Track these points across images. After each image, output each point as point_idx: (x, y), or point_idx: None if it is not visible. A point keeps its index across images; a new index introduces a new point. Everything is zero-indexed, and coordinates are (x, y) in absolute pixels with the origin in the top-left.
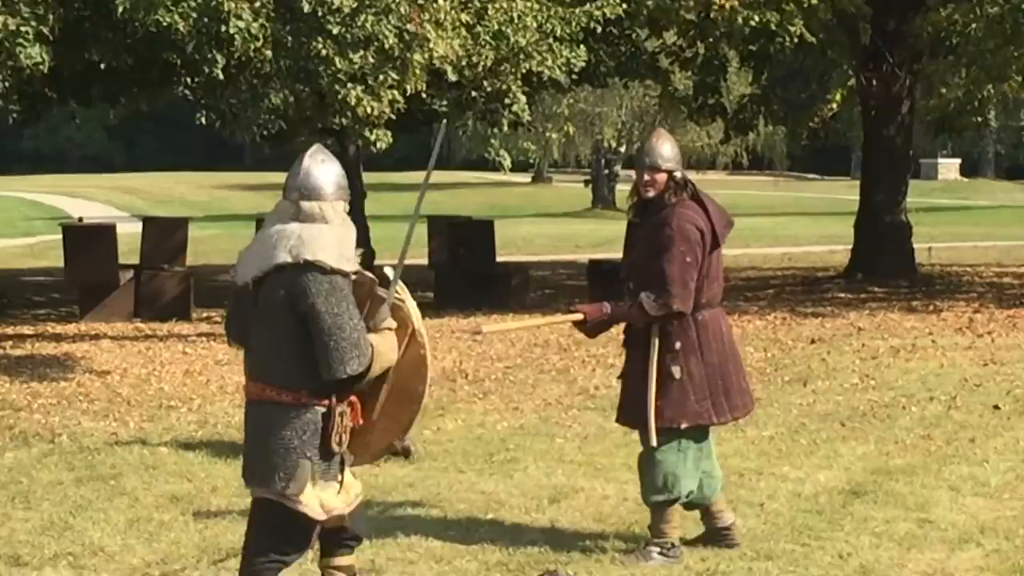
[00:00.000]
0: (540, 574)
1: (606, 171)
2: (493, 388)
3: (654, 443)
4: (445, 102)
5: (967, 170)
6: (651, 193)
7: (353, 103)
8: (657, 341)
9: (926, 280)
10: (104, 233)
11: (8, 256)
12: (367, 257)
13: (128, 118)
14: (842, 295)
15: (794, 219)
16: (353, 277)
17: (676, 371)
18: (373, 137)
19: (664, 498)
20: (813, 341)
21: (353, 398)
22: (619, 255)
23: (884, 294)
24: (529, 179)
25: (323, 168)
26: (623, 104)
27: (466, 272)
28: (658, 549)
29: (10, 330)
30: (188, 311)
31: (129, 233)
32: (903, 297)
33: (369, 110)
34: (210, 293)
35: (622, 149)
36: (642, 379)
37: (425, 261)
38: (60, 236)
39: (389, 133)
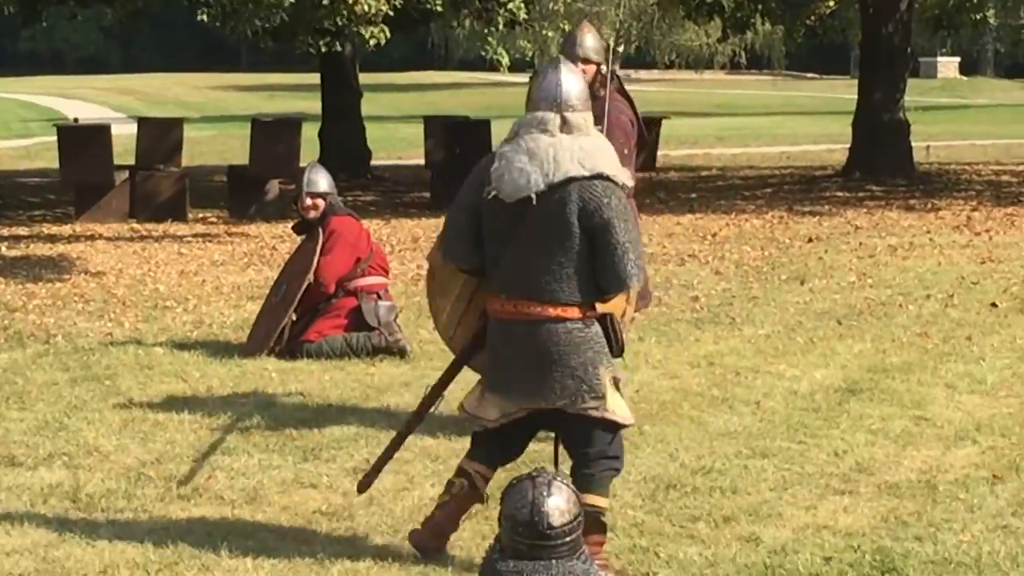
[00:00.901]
0: (531, 472)
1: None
2: None
3: None
4: (440, 1)
5: (966, 69)
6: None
7: (351, 1)
8: None
9: (924, 178)
10: (99, 133)
11: (4, 158)
12: (365, 156)
13: (124, 19)
14: (840, 194)
15: (792, 118)
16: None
17: None
18: (368, 35)
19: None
20: (810, 240)
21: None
22: None
23: (882, 192)
24: (527, 79)
25: (576, 79)
26: (621, 3)
27: (463, 172)
28: None
29: (5, 231)
30: (184, 212)
31: (125, 134)
32: (901, 195)
33: (366, 8)
34: (206, 194)
35: (620, 48)
36: None
37: (422, 161)
38: (55, 137)
39: (386, 29)
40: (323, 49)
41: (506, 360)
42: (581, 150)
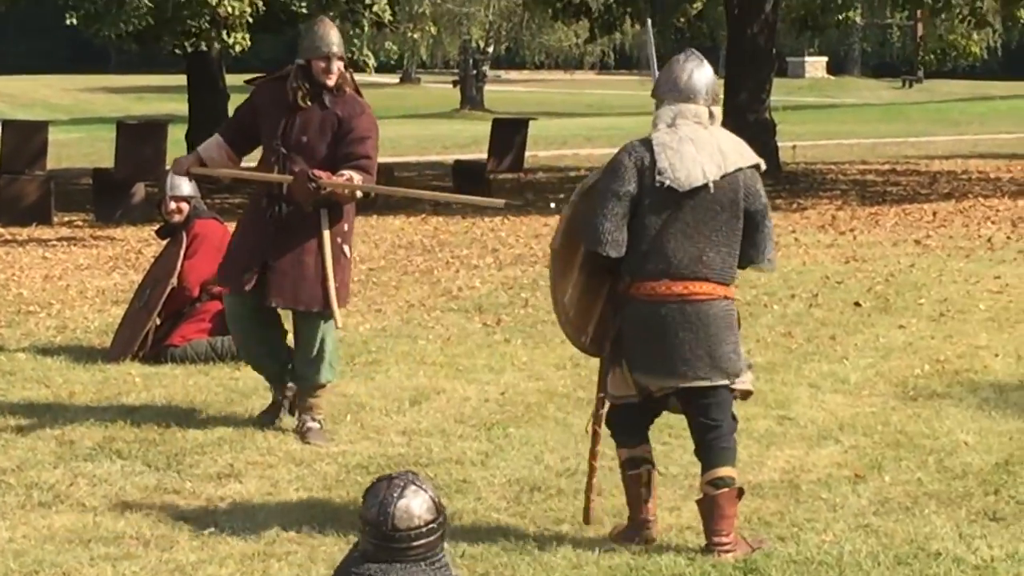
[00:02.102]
0: (392, 473)
1: (474, 72)
2: (356, 290)
3: (340, 323)
4: (306, 3)
5: (834, 68)
6: (333, 80)
7: (214, 3)
8: (328, 222)
9: (790, 178)
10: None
11: None
12: None
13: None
14: None
15: None
16: None
17: (347, 251)
18: (231, 41)
19: (334, 377)
20: None
21: None
22: (484, 156)
23: None
24: (397, 80)
25: (711, 73)
26: (490, 4)
27: None
28: (319, 425)
29: None
30: (49, 215)
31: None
32: (767, 195)
33: (230, 9)
34: (71, 197)
35: (490, 50)
36: (316, 259)
37: None
38: None
39: (247, 36)
40: (188, 50)
41: (670, 341)
42: (735, 141)
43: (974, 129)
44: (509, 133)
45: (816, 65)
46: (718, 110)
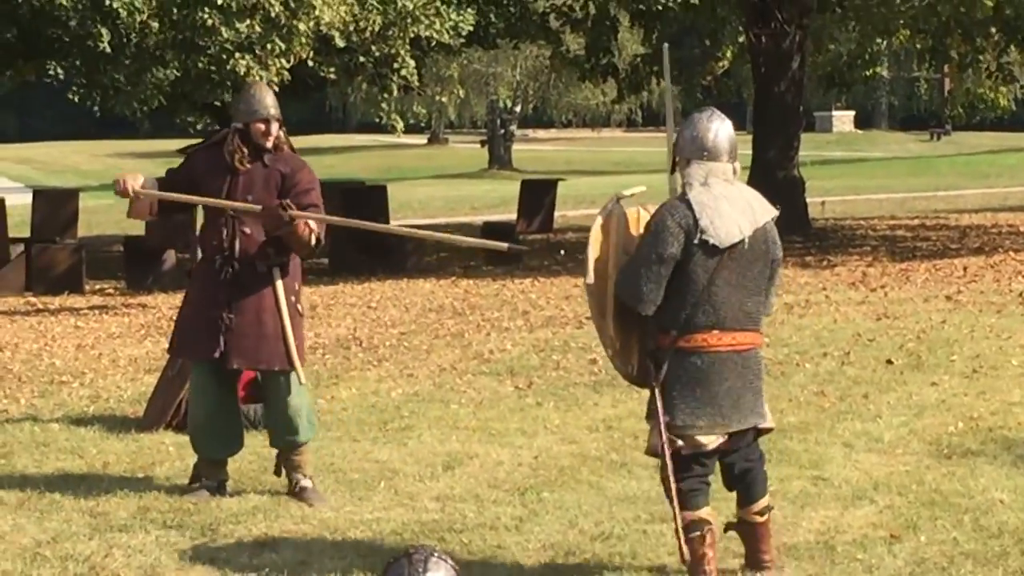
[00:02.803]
0: (408, 548)
1: (502, 131)
2: (387, 355)
3: (303, 379)
4: (334, 68)
5: (861, 122)
6: (271, 142)
7: (242, 72)
8: (281, 278)
9: (819, 235)
10: None
11: None
12: None
13: (19, 88)
14: None
15: None
16: None
17: (300, 308)
18: None
19: (313, 434)
20: None
21: None
22: (513, 216)
23: None
24: (425, 140)
25: (732, 131)
26: (517, 64)
27: (360, 237)
28: (311, 483)
29: None
30: (80, 284)
31: (21, 205)
32: (797, 252)
33: (258, 79)
34: (103, 265)
35: (517, 109)
36: (273, 318)
37: None
38: None
39: None
40: (199, 127)
41: (721, 389)
42: (757, 195)
43: (1003, 182)
44: (538, 194)
45: (843, 119)
46: (738, 165)
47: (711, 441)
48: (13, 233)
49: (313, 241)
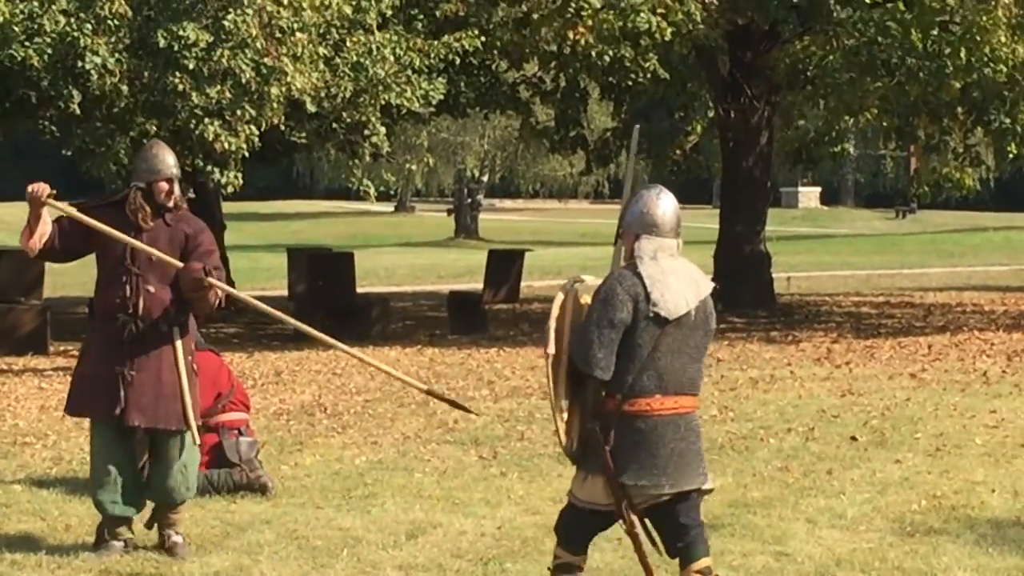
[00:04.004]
0: None
1: (469, 200)
2: (352, 422)
3: (198, 440)
4: (304, 133)
5: (827, 198)
6: (173, 200)
7: (211, 138)
8: (180, 338)
9: (785, 310)
10: None
11: None
12: (229, 287)
13: None
14: None
15: None
16: None
17: (195, 368)
18: (224, 179)
19: (194, 493)
20: None
21: None
22: (479, 286)
23: (743, 324)
24: (392, 208)
25: (676, 205)
26: (485, 133)
27: (326, 304)
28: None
29: None
30: (45, 345)
31: None
32: (762, 327)
33: (226, 145)
34: (68, 327)
35: (484, 179)
36: (172, 377)
37: (285, 292)
38: None
39: (240, 175)
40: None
41: (664, 451)
42: (699, 271)
43: (968, 261)
44: (505, 264)
45: (810, 195)
46: (681, 240)
47: (646, 500)
48: None
49: (214, 307)
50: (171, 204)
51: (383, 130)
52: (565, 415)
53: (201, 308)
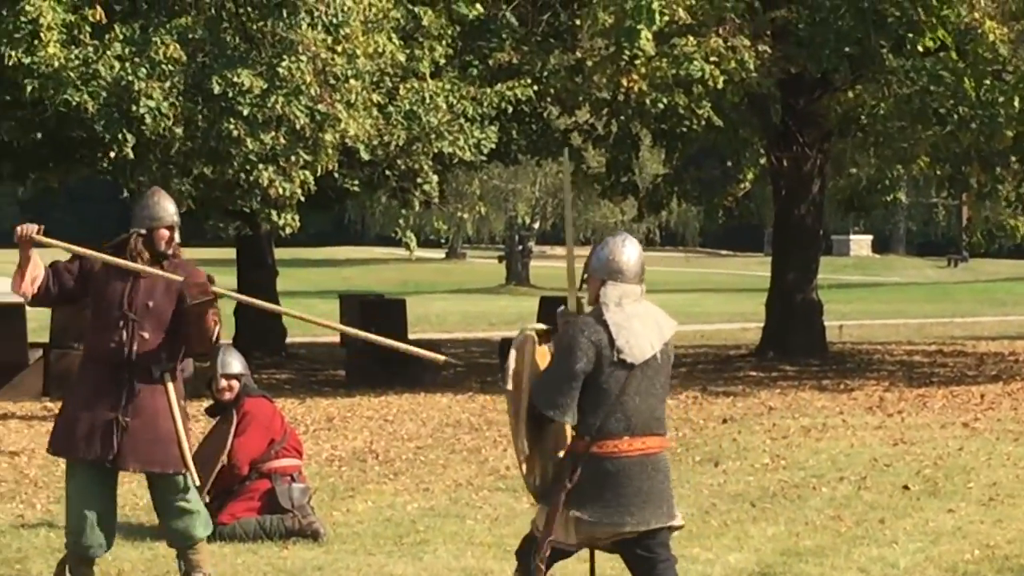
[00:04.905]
0: None
1: (520, 247)
2: (404, 468)
3: (198, 481)
4: (357, 181)
5: (879, 246)
6: (173, 248)
7: (265, 184)
8: (172, 383)
9: (837, 358)
10: (13, 312)
11: None
12: (280, 334)
13: (40, 193)
14: (754, 374)
15: (706, 296)
16: None
17: (188, 412)
18: (281, 222)
19: (208, 531)
20: (724, 420)
21: None
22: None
23: (795, 373)
24: (443, 255)
25: (640, 251)
26: (536, 180)
27: (377, 351)
28: None
29: None
30: None
31: (40, 310)
32: (814, 376)
33: (281, 191)
34: None
35: (535, 225)
36: (166, 422)
37: (337, 339)
38: None
39: (297, 217)
40: (232, 232)
41: (630, 490)
42: (662, 313)
43: (1021, 309)
44: (556, 310)
45: (861, 243)
46: (644, 286)
47: (604, 540)
48: (32, 338)
49: (214, 336)
50: (170, 252)
51: (435, 178)
52: (526, 452)
53: (201, 339)
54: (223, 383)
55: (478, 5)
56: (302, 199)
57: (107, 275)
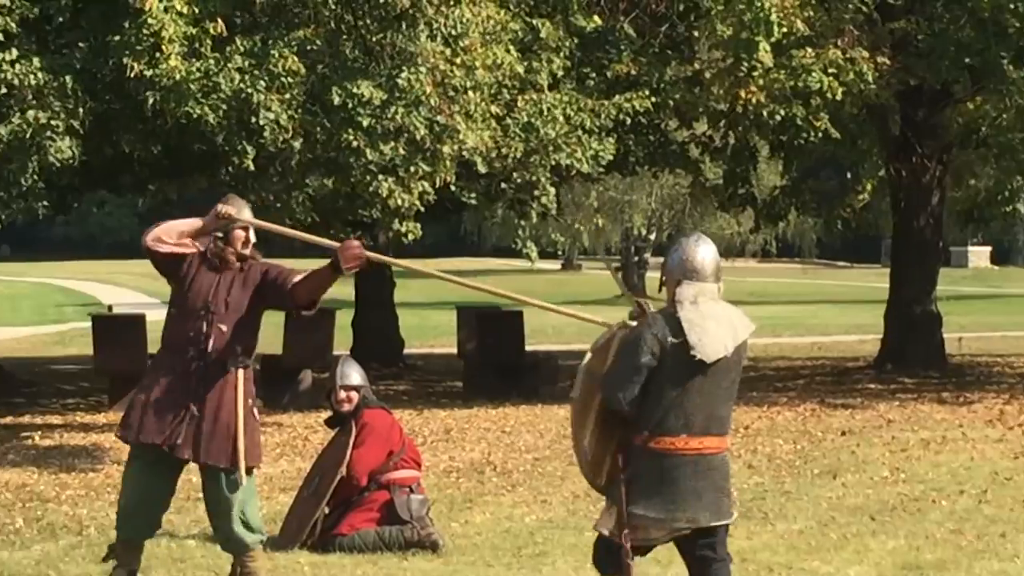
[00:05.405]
0: None
1: (636, 258)
2: (521, 480)
3: (244, 480)
4: (474, 193)
5: (998, 257)
6: (250, 250)
7: (384, 195)
8: (242, 382)
9: (956, 371)
10: (134, 323)
11: (39, 344)
12: (398, 345)
13: (159, 204)
14: (872, 386)
15: (823, 307)
16: None
17: (256, 412)
18: (404, 229)
19: (261, 537)
20: (843, 433)
21: None
22: None
23: (914, 385)
24: (559, 266)
25: (716, 252)
26: (652, 191)
27: (495, 362)
28: None
29: (39, 420)
30: None
31: (159, 320)
32: (933, 388)
33: (400, 202)
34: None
35: (651, 236)
36: (229, 417)
37: (454, 350)
38: (90, 323)
39: (418, 225)
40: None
41: (684, 488)
42: (739, 313)
43: None
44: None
45: (980, 255)
46: (722, 285)
47: (660, 536)
48: (152, 348)
49: (322, 295)
50: (247, 252)
51: (552, 190)
52: (589, 456)
53: (314, 289)
54: (342, 394)
55: (595, 17)
56: (421, 210)
57: (199, 270)
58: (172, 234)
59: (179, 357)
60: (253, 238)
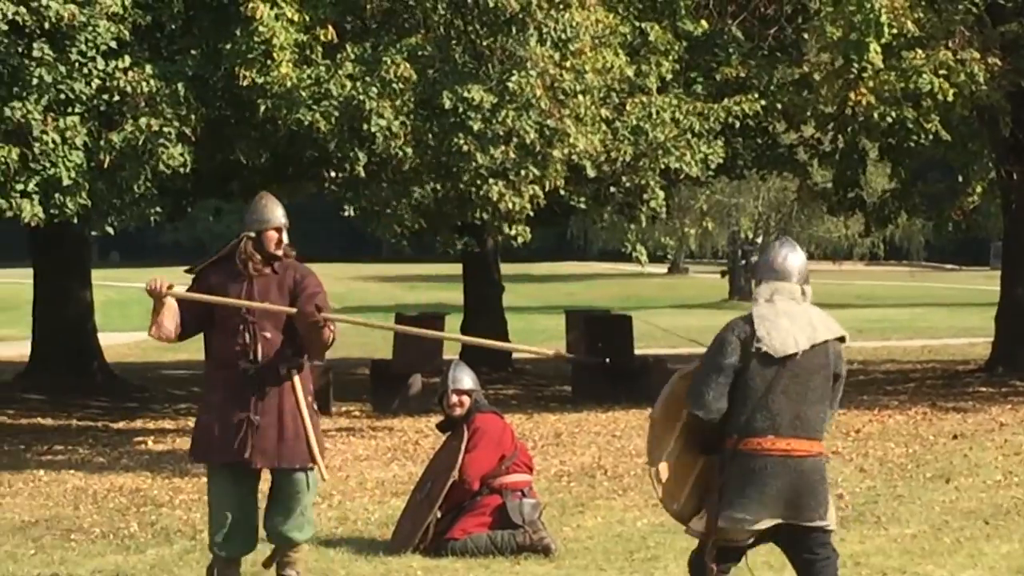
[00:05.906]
0: None
1: (743, 262)
2: (632, 484)
3: (326, 476)
4: (583, 197)
5: None
6: (282, 250)
7: (495, 198)
8: (300, 384)
9: None
10: None
11: (149, 349)
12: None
13: None
14: (984, 389)
15: (932, 310)
16: None
17: (316, 408)
18: (514, 232)
19: (312, 533)
20: (955, 436)
21: None
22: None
23: None
24: (665, 269)
25: (803, 256)
26: (760, 195)
27: (604, 367)
28: None
29: (152, 424)
30: (328, 405)
31: None
32: None
33: (511, 205)
34: (349, 387)
35: (758, 240)
36: (294, 419)
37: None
38: None
39: (528, 229)
40: (460, 248)
41: (772, 489)
42: (825, 316)
43: None
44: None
45: None
46: (809, 289)
47: (747, 537)
48: None
49: (330, 343)
50: (279, 253)
51: (661, 194)
52: (664, 476)
53: (318, 346)
54: (454, 399)
55: (703, 21)
56: (531, 214)
57: (223, 284)
58: (156, 329)
59: (231, 371)
60: (285, 238)
